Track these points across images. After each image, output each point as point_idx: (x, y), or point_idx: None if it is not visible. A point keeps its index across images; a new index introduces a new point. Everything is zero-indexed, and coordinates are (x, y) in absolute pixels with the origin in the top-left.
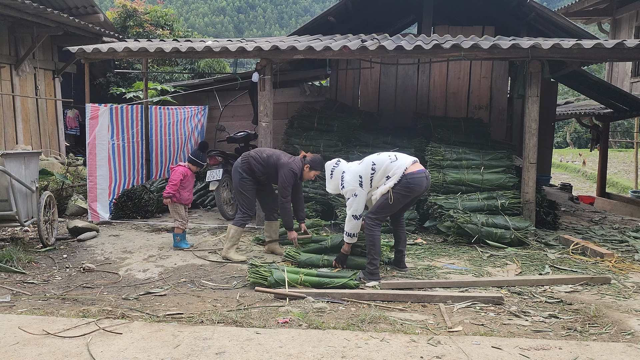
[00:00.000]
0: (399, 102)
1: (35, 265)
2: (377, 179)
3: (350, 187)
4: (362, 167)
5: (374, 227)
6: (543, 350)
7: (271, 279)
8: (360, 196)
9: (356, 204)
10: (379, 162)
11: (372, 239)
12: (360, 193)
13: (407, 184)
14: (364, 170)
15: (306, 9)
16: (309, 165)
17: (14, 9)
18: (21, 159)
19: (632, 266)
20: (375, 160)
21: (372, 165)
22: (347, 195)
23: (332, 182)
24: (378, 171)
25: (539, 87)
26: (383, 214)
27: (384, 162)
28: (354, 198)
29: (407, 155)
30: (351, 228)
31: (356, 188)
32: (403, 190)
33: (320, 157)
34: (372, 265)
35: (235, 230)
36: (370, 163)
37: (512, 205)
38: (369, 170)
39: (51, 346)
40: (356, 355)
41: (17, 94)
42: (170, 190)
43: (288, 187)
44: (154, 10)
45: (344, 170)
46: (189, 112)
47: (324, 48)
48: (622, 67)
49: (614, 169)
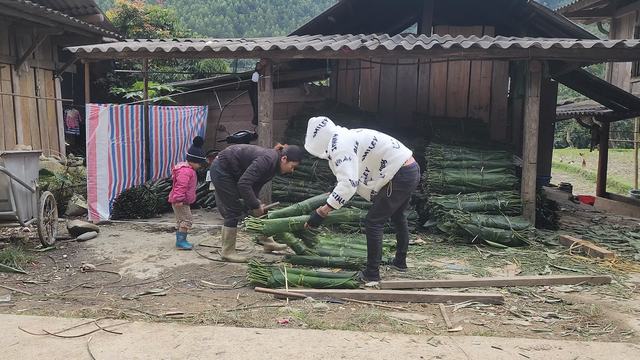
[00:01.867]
0: (399, 102)
1: (35, 265)
2: (372, 156)
3: (343, 149)
4: (360, 136)
5: (376, 232)
6: (543, 350)
7: (271, 279)
8: (353, 160)
9: (351, 168)
10: (380, 139)
11: (374, 244)
12: (354, 157)
13: (402, 178)
14: (362, 139)
15: (306, 9)
16: (285, 156)
17: (14, 9)
18: (21, 159)
19: (632, 266)
20: (377, 136)
21: (372, 140)
22: (338, 156)
23: (314, 141)
24: (377, 148)
25: (539, 87)
26: (382, 215)
27: (386, 144)
28: (348, 161)
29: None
30: (345, 194)
31: (349, 151)
32: (398, 185)
33: (297, 147)
34: (373, 267)
35: (229, 231)
36: (372, 137)
37: (512, 205)
38: (368, 142)
39: (51, 346)
40: (356, 355)
41: (17, 94)
42: (182, 193)
43: (256, 173)
44: (154, 10)
45: (337, 133)
46: (189, 112)
47: (324, 48)
48: (622, 67)
49: (614, 169)
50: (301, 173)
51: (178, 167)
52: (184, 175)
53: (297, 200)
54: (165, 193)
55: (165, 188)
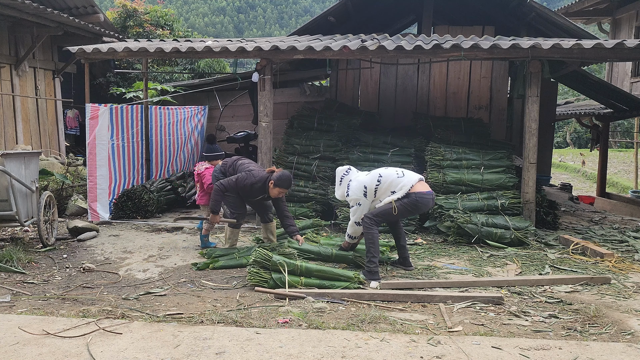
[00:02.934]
0: (399, 102)
1: (35, 265)
2: (381, 191)
3: (355, 197)
4: (368, 178)
5: (372, 226)
6: (543, 350)
7: (271, 282)
8: (363, 206)
9: (359, 213)
10: (385, 175)
11: (371, 237)
12: (364, 203)
13: (415, 201)
14: (369, 181)
15: (306, 9)
16: (273, 181)
17: (14, 9)
18: (21, 159)
19: (632, 266)
20: (382, 173)
21: (378, 178)
22: (352, 203)
23: (340, 189)
24: (383, 184)
25: (539, 87)
26: (382, 218)
27: (391, 177)
28: (357, 207)
29: (413, 172)
30: (353, 232)
31: (360, 198)
32: (409, 205)
33: (288, 174)
34: (372, 263)
35: (231, 232)
36: (377, 175)
37: (512, 205)
38: (374, 182)
39: (51, 346)
40: (356, 355)
41: (17, 94)
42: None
43: (233, 184)
44: (154, 10)
45: (351, 179)
46: (189, 112)
47: (324, 48)
48: (622, 67)
49: (614, 169)
50: (301, 173)
51: (202, 170)
52: (208, 176)
53: (297, 200)
54: (165, 193)
55: (165, 188)
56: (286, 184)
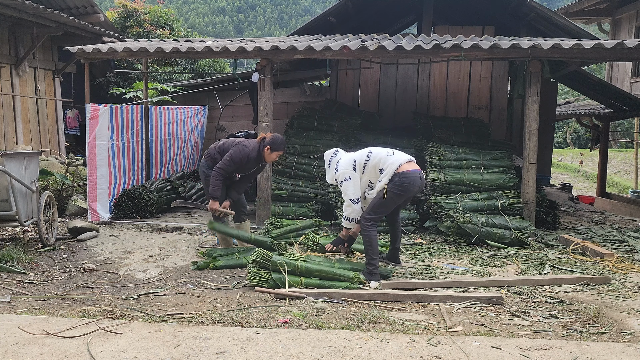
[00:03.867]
0: (399, 102)
1: (35, 265)
2: (369, 167)
3: (343, 170)
4: (358, 154)
5: (370, 228)
6: (543, 350)
7: (271, 282)
8: (354, 179)
9: (352, 187)
10: (375, 152)
11: (369, 239)
12: (354, 176)
13: (400, 183)
14: (359, 156)
15: (306, 9)
16: (269, 146)
17: (14, 9)
18: (21, 159)
19: (632, 266)
20: (372, 150)
21: (367, 153)
22: (340, 178)
23: (330, 172)
24: (372, 160)
25: (539, 87)
26: (378, 213)
27: (380, 154)
28: (347, 181)
29: (403, 153)
30: (350, 213)
31: (349, 171)
32: (396, 189)
33: (280, 136)
34: (371, 265)
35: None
36: (367, 151)
37: (512, 205)
38: (364, 157)
39: (51, 346)
40: (356, 355)
41: (17, 94)
42: None
43: (230, 163)
44: (154, 10)
45: (341, 157)
46: (189, 112)
47: (324, 48)
48: (622, 67)
49: (614, 169)
50: (301, 173)
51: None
52: None
53: (297, 200)
54: (165, 193)
55: (165, 188)
56: (282, 146)
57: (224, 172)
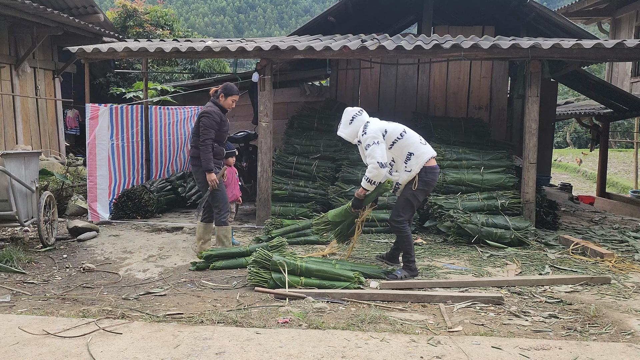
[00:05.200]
0: (399, 102)
1: (35, 265)
2: (399, 146)
3: (373, 135)
4: (391, 126)
5: (405, 229)
6: (543, 350)
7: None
8: (382, 145)
9: (380, 151)
10: (409, 133)
11: (407, 239)
12: (382, 143)
13: (427, 178)
14: (392, 129)
15: (306, 9)
16: (222, 93)
17: (14, 9)
18: (21, 159)
19: (632, 266)
20: (406, 130)
21: (402, 131)
22: (368, 141)
23: (350, 128)
24: (405, 140)
25: (539, 87)
26: (408, 213)
27: (414, 138)
28: (376, 145)
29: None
30: (374, 175)
31: (379, 137)
32: (423, 184)
33: (229, 82)
34: (409, 262)
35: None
36: (401, 129)
37: (512, 205)
38: (397, 132)
39: (51, 346)
40: (356, 355)
41: (17, 94)
42: None
43: (209, 129)
44: (154, 10)
45: (368, 120)
46: (189, 112)
47: (324, 48)
48: (622, 67)
49: (614, 169)
50: (301, 173)
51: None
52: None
53: (297, 200)
54: (165, 193)
55: (165, 188)
56: (233, 89)
57: (210, 140)
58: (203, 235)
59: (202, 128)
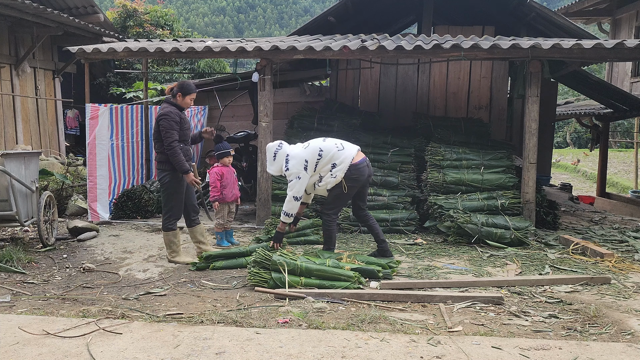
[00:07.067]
0: (399, 102)
1: (35, 265)
2: (322, 164)
3: (295, 170)
4: (308, 152)
5: (332, 223)
6: (543, 350)
7: (271, 282)
8: (303, 179)
9: (298, 186)
10: (326, 149)
11: (329, 232)
12: (304, 176)
13: (351, 175)
14: (310, 155)
15: (306, 9)
16: (179, 93)
17: (14, 9)
18: (21, 159)
19: (632, 266)
20: (322, 147)
21: (319, 152)
22: (291, 177)
23: (275, 164)
24: (324, 157)
25: (539, 87)
26: (337, 207)
27: (331, 150)
28: (296, 180)
29: (351, 144)
30: (290, 208)
31: (300, 171)
32: (349, 181)
33: (185, 80)
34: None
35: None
36: (318, 149)
37: (512, 205)
38: (315, 155)
39: (51, 346)
40: (356, 355)
41: (17, 94)
42: (215, 193)
43: (171, 131)
44: (154, 10)
45: (288, 153)
46: (188, 112)
47: (324, 48)
48: (622, 67)
49: (614, 169)
50: None
51: (210, 169)
52: (213, 175)
53: None
54: None
55: None
56: (191, 87)
57: (175, 142)
58: (198, 238)
59: (163, 132)
